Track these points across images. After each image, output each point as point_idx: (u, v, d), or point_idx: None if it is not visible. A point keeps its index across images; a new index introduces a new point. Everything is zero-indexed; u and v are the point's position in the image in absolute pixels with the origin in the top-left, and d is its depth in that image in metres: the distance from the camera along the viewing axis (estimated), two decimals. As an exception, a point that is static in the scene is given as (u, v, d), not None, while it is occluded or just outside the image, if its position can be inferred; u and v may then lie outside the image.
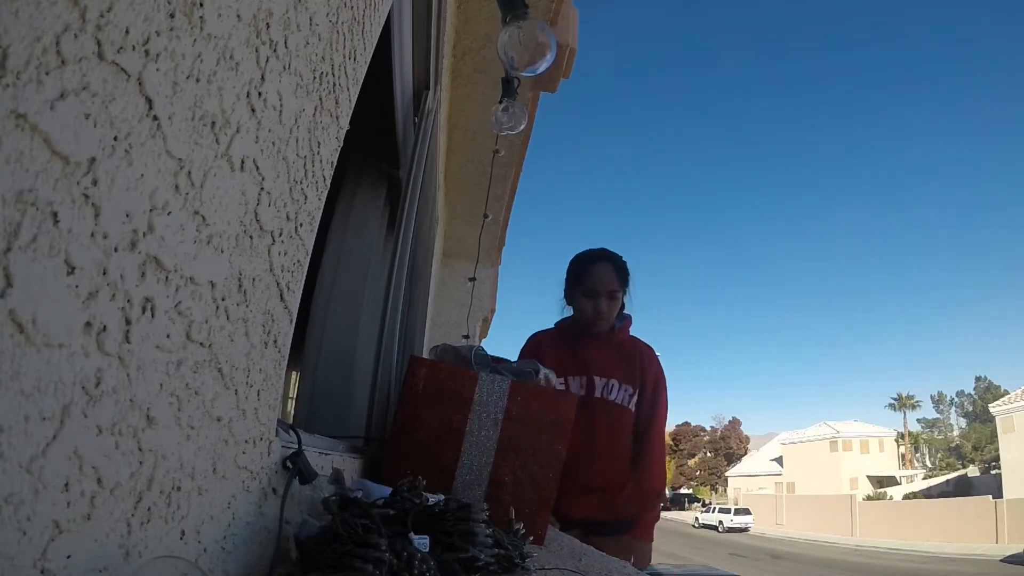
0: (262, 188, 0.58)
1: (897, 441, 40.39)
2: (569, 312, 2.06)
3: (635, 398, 1.94)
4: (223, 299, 0.52)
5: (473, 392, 1.27)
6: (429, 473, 0.88)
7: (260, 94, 0.54)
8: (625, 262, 1.99)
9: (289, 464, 0.71)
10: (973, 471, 33.95)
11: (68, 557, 0.34)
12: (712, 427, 57.74)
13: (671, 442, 52.44)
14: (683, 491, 52.92)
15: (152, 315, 0.41)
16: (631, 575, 1.15)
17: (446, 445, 1.23)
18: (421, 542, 0.68)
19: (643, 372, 1.97)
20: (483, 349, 1.42)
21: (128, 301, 0.38)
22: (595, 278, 1.91)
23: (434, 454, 1.22)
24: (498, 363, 1.41)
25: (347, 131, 0.89)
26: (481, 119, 3.01)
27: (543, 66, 1.55)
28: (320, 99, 0.73)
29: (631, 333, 2.08)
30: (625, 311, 2.05)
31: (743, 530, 32.35)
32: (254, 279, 0.59)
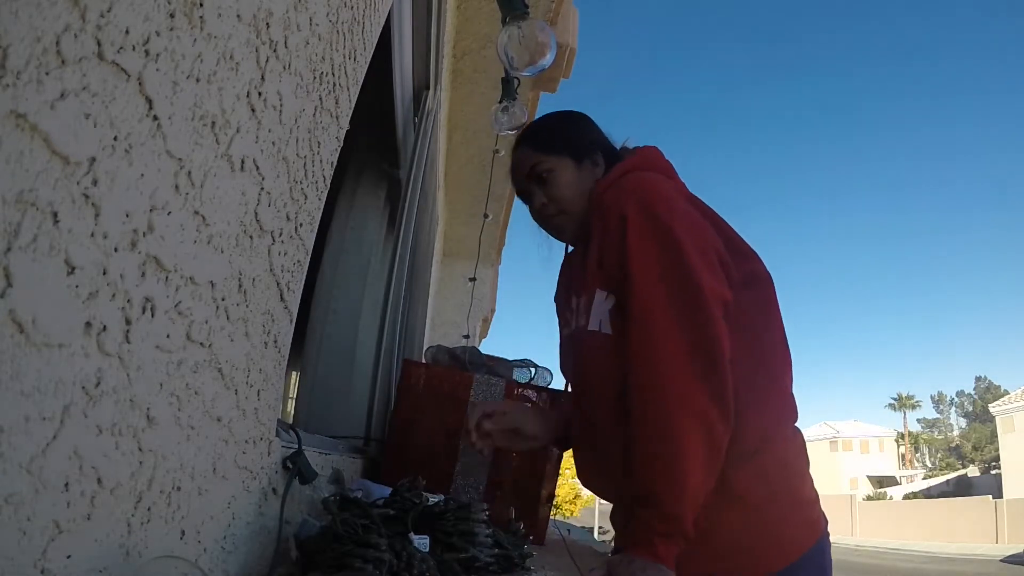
0: (262, 188, 0.58)
1: (897, 441, 40.39)
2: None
3: (610, 305, 0.94)
4: (223, 299, 0.52)
5: (468, 394, 1.27)
6: (427, 475, 0.88)
7: (260, 94, 0.54)
8: (551, 119, 1.14)
9: (289, 464, 0.71)
10: (973, 471, 33.96)
11: (68, 557, 0.34)
12: (712, 427, 57.54)
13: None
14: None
15: (152, 315, 0.41)
16: None
17: (443, 447, 1.23)
18: (421, 542, 0.68)
19: (602, 243, 0.95)
20: (477, 350, 1.43)
21: (128, 301, 0.38)
22: (511, 172, 1.12)
23: (431, 456, 1.22)
24: (493, 363, 1.41)
25: (347, 131, 0.89)
26: (481, 119, 3.01)
27: (543, 66, 1.55)
28: (320, 99, 0.73)
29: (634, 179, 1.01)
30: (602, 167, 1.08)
31: (743, 530, 32.25)
32: (254, 279, 0.59)
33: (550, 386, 1.41)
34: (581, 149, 1.06)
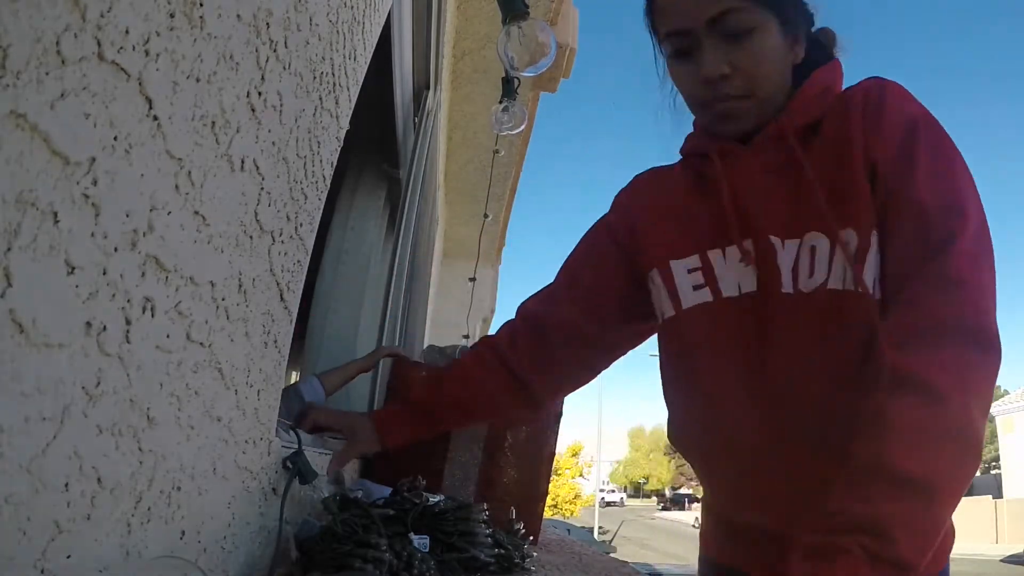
0: (262, 188, 0.58)
1: (897, 441, 40.30)
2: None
3: (873, 249, 0.64)
4: (223, 299, 0.52)
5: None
6: (417, 474, 0.87)
7: (260, 94, 0.54)
8: None
9: (289, 464, 0.71)
10: (973, 471, 33.87)
11: (68, 557, 0.34)
12: (712, 427, 57.39)
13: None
14: (683, 491, 52.87)
15: (152, 315, 0.41)
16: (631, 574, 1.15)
17: (434, 446, 1.23)
18: (421, 542, 0.68)
19: (872, 156, 0.65)
20: (467, 348, 1.43)
21: (128, 301, 0.38)
22: (672, 7, 0.71)
23: (422, 455, 1.22)
24: None
25: (347, 131, 0.89)
26: (481, 119, 3.01)
27: (543, 66, 1.55)
28: (320, 99, 0.73)
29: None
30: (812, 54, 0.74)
31: (743, 530, 32.21)
32: (254, 279, 0.59)
33: None
34: (794, 16, 0.72)
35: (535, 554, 0.90)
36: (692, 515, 41.07)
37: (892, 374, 0.57)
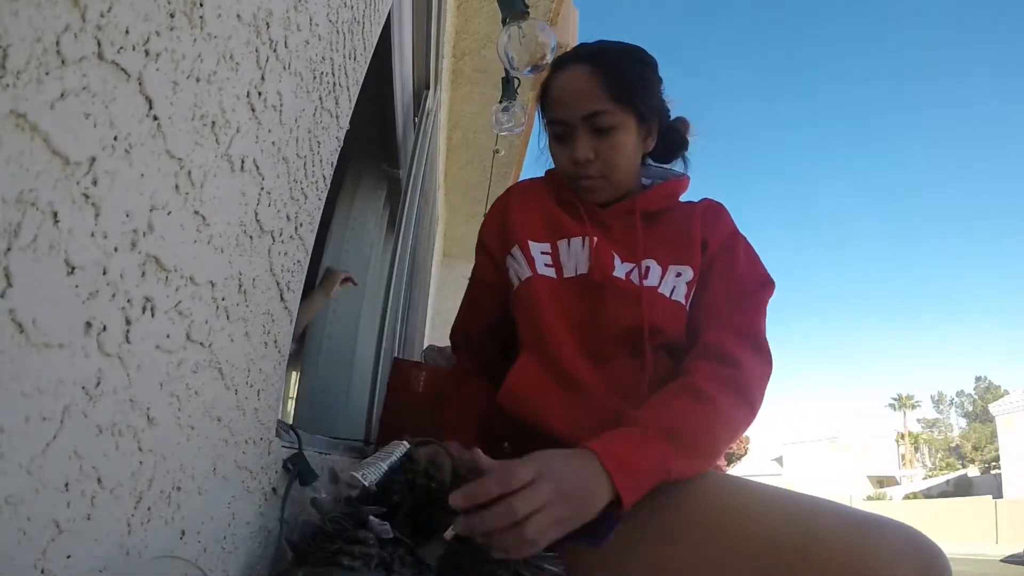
0: (262, 188, 0.58)
1: (897, 441, 40.40)
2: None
3: (692, 289, 0.91)
4: (223, 299, 0.52)
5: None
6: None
7: (260, 94, 0.54)
8: (632, 57, 0.95)
9: (289, 465, 0.71)
10: (973, 471, 34.00)
11: (68, 557, 0.34)
12: (712, 427, 57.35)
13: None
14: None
15: (152, 315, 0.41)
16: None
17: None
18: (383, 527, 0.66)
19: (706, 237, 0.95)
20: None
21: (128, 301, 0.38)
22: (558, 97, 0.94)
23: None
24: None
25: (347, 131, 0.89)
26: (481, 119, 3.01)
27: (543, 66, 1.55)
28: (320, 99, 0.73)
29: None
30: (673, 162, 1.05)
31: (743, 530, 32.16)
32: (254, 279, 0.59)
33: None
34: (649, 114, 0.95)
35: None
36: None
37: (708, 345, 0.85)
